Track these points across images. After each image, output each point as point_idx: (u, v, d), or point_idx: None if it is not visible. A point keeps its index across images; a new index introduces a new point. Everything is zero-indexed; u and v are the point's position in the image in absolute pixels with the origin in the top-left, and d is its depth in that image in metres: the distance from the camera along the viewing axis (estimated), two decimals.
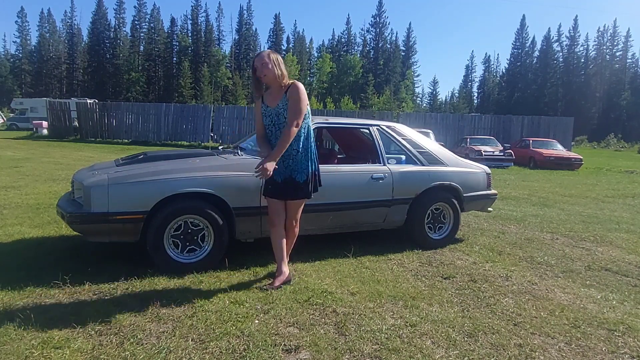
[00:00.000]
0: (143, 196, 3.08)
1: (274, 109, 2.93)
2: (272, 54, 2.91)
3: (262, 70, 2.85)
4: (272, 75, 2.86)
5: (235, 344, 2.19)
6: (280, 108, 2.90)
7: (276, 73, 2.86)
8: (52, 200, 5.48)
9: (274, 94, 2.95)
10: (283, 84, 2.91)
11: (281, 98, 2.90)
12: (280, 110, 2.90)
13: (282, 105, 2.90)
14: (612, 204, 7.69)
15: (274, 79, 2.88)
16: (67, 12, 72.16)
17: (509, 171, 13.86)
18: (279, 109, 2.91)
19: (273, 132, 2.96)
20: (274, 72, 2.86)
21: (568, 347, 2.35)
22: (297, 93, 2.85)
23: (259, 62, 2.86)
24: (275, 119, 2.94)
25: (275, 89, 2.95)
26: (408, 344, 2.28)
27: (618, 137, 46.53)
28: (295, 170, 2.94)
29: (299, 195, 2.98)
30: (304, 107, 2.86)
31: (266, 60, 2.85)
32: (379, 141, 4.08)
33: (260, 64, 2.85)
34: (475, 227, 5.20)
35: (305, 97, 2.90)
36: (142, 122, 21.72)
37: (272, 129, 2.97)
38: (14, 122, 32.31)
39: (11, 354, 2.02)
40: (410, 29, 70.81)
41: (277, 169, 2.88)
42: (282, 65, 2.91)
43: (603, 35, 65.12)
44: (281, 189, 2.96)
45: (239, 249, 3.69)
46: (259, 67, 2.86)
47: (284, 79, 2.90)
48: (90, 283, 2.89)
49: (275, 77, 2.87)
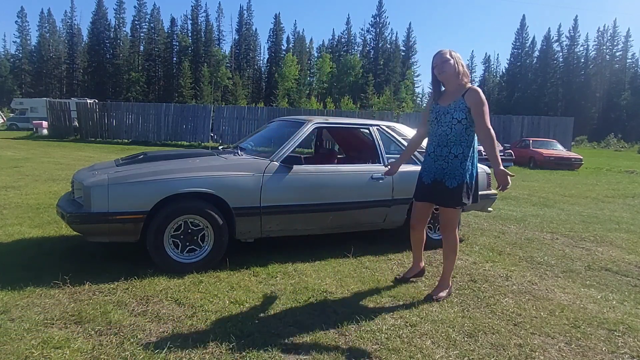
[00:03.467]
0: (143, 196, 3.08)
1: (444, 107, 2.80)
2: (454, 52, 2.79)
3: (442, 67, 2.75)
4: (452, 72, 2.75)
5: (235, 344, 2.19)
6: (452, 108, 2.76)
7: (458, 70, 2.75)
8: (52, 200, 5.47)
9: (450, 94, 2.82)
10: (462, 84, 2.78)
11: (455, 99, 2.76)
12: (450, 110, 2.76)
13: (454, 106, 2.75)
14: (612, 204, 7.69)
15: (454, 76, 2.76)
16: (67, 12, 72.38)
17: (509, 171, 13.83)
18: (449, 109, 2.77)
19: (434, 131, 2.84)
20: (455, 69, 2.75)
21: (568, 347, 2.35)
22: (479, 97, 2.69)
23: (439, 59, 2.76)
24: (442, 117, 2.80)
25: (452, 89, 2.81)
26: (408, 344, 2.28)
27: (618, 137, 46.53)
28: (447, 175, 2.79)
29: (448, 202, 2.82)
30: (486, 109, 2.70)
31: (447, 57, 2.74)
32: (379, 141, 4.07)
33: (441, 61, 2.75)
34: (475, 227, 5.20)
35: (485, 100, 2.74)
36: (142, 122, 21.69)
37: (434, 126, 2.84)
38: (14, 122, 32.26)
39: (11, 354, 2.02)
40: (410, 29, 70.85)
41: (427, 169, 2.86)
42: (463, 63, 2.77)
43: (603, 35, 65.20)
44: (428, 191, 2.88)
45: (239, 249, 3.69)
46: (439, 64, 2.76)
47: (465, 78, 2.77)
48: (90, 283, 2.89)
49: (454, 75, 2.76)
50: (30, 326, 2.29)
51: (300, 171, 3.59)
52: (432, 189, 2.86)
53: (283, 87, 52.57)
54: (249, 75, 69.52)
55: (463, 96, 2.73)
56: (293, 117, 4.48)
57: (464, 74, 2.77)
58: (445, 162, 2.79)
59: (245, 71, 68.55)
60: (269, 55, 71.67)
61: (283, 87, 52.65)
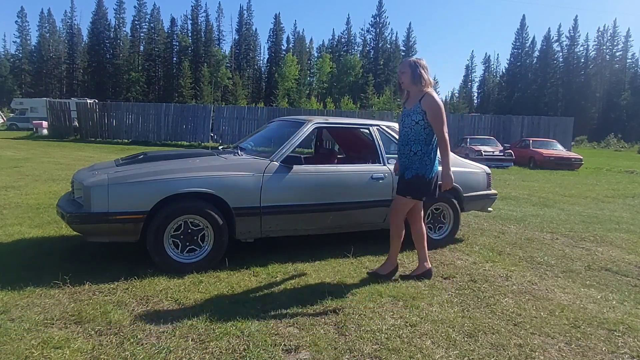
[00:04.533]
0: (143, 196, 3.09)
1: (407, 110, 3.14)
2: (418, 60, 3.09)
3: (400, 76, 3.13)
4: (409, 80, 3.07)
5: (235, 344, 2.19)
6: (411, 111, 3.09)
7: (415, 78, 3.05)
8: (52, 200, 5.47)
9: (412, 99, 3.13)
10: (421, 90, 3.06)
11: (414, 103, 3.08)
12: (411, 113, 3.09)
13: (413, 109, 3.08)
14: (612, 204, 7.69)
15: (412, 83, 3.08)
16: (67, 12, 72.15)
17: (509, 171, 13.86)
18: (410, 111, 3.10)
19: (399, 131, 3.23)
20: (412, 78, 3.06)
21: (568, 347, 2.35)
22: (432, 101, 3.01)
23: (400, 68, 3.15)
24: (405, 119, 3.15)
25: (414, 94, 3.12)
26: (408, 344, 2.28)
27: (618, 137, 46.49)
28: (407, 168, 3.12)
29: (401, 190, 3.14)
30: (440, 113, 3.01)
31: (405, 67, 3.08)
32: (379, 141, 4.07)
33: (400, 71, 3.14)
34: (475, 227, 5.20)
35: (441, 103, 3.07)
36: (142, 122, 21.70)
37: (400, 127, 3.22)
38: (14, 122, 32.25)
39: (11, 354, 2.02)
40: (410, 29, 70.81)
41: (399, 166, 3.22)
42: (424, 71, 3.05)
43: (603, 35, 65.14)
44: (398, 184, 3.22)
45: (239, 249, 3.69)
46: (399, 73, 3.16)
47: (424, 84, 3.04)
48: (90, 283, 2.89)
49: (412, 82, 3.07)
50: (30, 326, 2.29)
51: (300, 171, 3.59)
52: (399, 182, 3.20)
53: (283, 87, 52.55)
54: (249, 75, 69.48)
55: (420, 101, 3.04)
56: (293, 117, 4.48)
57: (426, 81, 3.05)
58: (407, 158, 3.12)
59: (245, 71, 68.49)
60: (269, 55, 71.74)
61: (283, 87, 52.62)
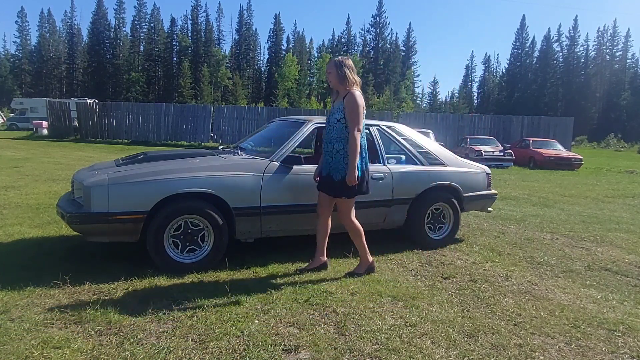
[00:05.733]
0: (143, 196, 3.09)
1: (332, 108, 3.21)
2: (344, 59, 3.14)
3: (327, 76, 3.17)
4: (334, 79, 3.12)
5: (235, 344, 2.19)
6: (335, 109, 3.15)
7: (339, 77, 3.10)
8: (52, 200, 5.47)
9: (339, 97, 3.17)
10: (347, 89, 3.10)
11: (338, 102, 3.14)
12: (334, 111, 3.14)
13: (336, 107, 3.14)
14: (612, 204, 7.69)
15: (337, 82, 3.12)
16: (67, 12, 72.07)
17: (509, 171, 13.86)
18: (333, 110, 3.16)
19: (325, 129, 3.25)
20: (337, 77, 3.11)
21: (568, 347, 2.35)
22: (351, 100, 3.03)
23: (327, 68, 3.18)
24: (329, 117, 3.20)
25: (340, 92, 3.16)
26: (408, 344, 2.28)
27: (618, 137, 46.48)
28: (333, 169, 3.09)
29: (336, 193, 3.14)
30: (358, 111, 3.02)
31: (331, 67, 3.12)
32: (378, 141, 4.07)
33: (327, 71, 3.17)
34: (475, 227, 5.20)
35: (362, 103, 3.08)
36: (142, 122, 21.70)
37: (325, 125, 3.26)
38: (14, 122, 32.25)
39: (11, 354, 2.02)
40: (410, 29, 70.85)
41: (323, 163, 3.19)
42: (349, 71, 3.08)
43: (603, 35, 65.12)
44: (323, 182, 3.20)
45: (239, 249, 3.69)
46: (326, 72, 3.19)
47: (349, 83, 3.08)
48: (90, 283, 2.90)
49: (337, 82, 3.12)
50: (30, 326, 2.29)
51: (300, 171, 3.59)
52: (326, 181, 3.16)
53: (283, 87, 52.54)
54: (249, 75, 69.46)
55: (343, 99, 3.08)
56: (293, 117, 4.48)
57: (350, 80, 3.07)
58: (330, 157, 3.11)
59: (245, 71, 68.48)
60: (269, 55, 71.76)
61: (283, 87, 52.62)
